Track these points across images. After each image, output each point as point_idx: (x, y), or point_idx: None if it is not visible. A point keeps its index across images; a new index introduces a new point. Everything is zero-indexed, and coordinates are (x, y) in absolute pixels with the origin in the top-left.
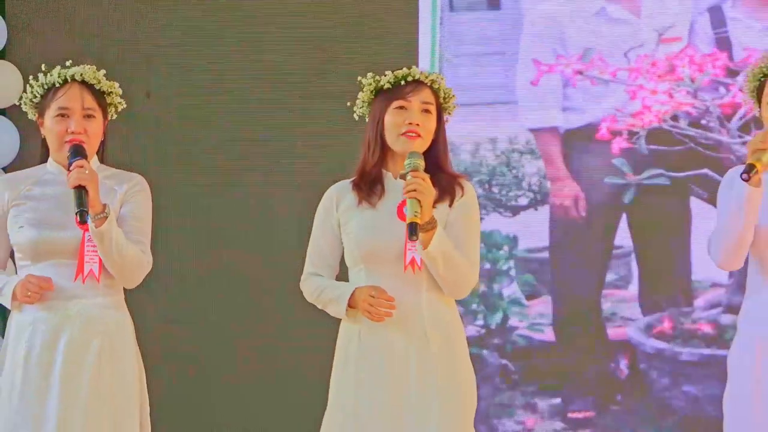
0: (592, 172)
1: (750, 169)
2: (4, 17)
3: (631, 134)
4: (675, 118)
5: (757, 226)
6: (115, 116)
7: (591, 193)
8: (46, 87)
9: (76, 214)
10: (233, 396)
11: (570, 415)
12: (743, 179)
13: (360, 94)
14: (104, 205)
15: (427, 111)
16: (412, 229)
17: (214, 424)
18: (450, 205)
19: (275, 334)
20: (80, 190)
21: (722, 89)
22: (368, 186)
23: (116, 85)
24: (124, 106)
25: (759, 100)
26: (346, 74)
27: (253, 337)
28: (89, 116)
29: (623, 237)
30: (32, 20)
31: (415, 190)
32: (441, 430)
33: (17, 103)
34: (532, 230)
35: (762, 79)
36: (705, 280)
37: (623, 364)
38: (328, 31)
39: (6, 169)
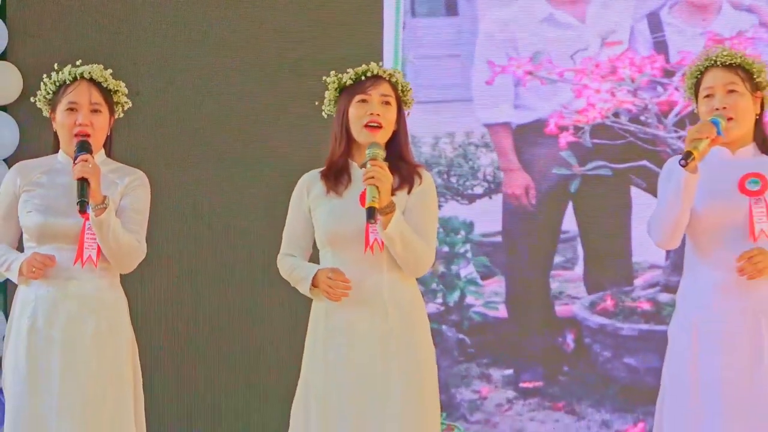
0: (541, 163)
1: (687, 156)
2: (5, 22)
3: (577, 129)
4: (616, 114)
5: (693, 210)
6: (122, 114)
7: (540, 182)
8: (57, 84)
9: (77, 203)
10: (217, 368)
11: (521, 384)
12: (681, 165)
13: (326, 93)
14: (104, 197)
15: (386, 103)
16: (370, 213)
17: (198, 393)
18: (409, 193)
19: (255, 312)
20: (83, 182)
21: (660, 88)
22: (335, 176)
23: (122, 84)
24: (130, 105)
25: (696, 96)
26: (317, 76)
27: (235, 315)
28: (96, 111)
29: (569, 223)
30: (30, 25)
31: (373, 177)
32: (402, 406)
33: (32, 100)
34: (487, 217)
35: (698, 77)
36: (644, 262)
37: (569, 338)
38: (300, 36)
39: (7, 160)
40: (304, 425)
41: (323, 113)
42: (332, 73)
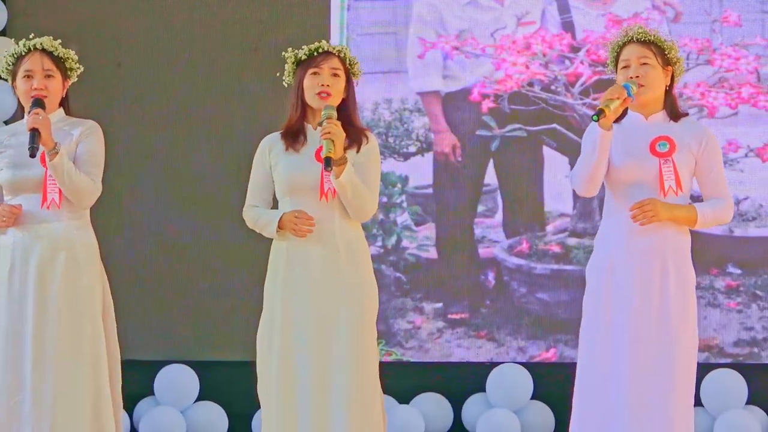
0: (466, 126)
1: (600, 112)
2: (5, 3)
3: (497, 97)
4: (530, 84)
5: (612, 166)
6: (75, 79)
7: (465, 142)
8: (15, 56)
9: (28, 149)
10: (184, 300)
11: (449, 316)
12: (594, 120)
13: (286, 66)
14: (56, 143)
15: (336, 75)
16: (327, 162)
17: (166, 321)
18: (357, 151)
19: (220, 254)
20: (34, 132)
21: (567, 62)
22: (293, 136)
23: (72, 52)
24: (81, 69)
25: (616, 67)
26: (273, 52)
27: (201, 255)
28: (49, 76)
29: (490, 177)
30: (28, 5)
31: (329, 133)
32: (347, 325)
33: None
34: (420, 172)
35: (618, 51)
36: (554, 211)
37: (491, 276)
38: (259, 18)
39: (6, 122)
40: (268, 345)
41: (284, 82)
42: (289, 49)
